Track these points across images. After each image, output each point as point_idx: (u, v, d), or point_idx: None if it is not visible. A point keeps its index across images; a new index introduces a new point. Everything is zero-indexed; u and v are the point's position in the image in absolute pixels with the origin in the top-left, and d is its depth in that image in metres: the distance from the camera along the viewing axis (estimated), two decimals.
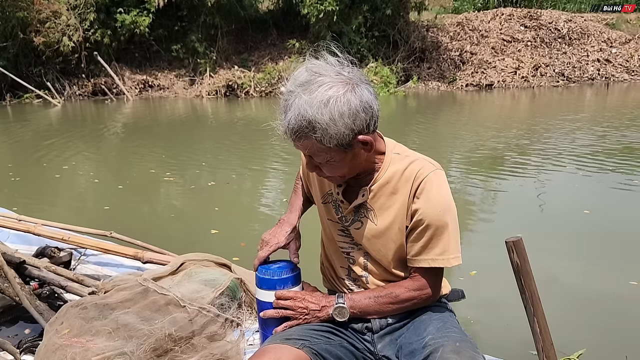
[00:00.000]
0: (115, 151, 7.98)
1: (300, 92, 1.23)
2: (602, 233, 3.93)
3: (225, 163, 6.83)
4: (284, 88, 1.28)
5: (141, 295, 1.46)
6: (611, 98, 12.83)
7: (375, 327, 1.43)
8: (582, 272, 3.31)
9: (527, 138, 7.67)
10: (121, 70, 15.06)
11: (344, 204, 1.44)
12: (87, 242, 2.44)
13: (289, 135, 1.27)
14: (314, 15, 13.85)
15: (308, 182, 1.59)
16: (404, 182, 1.36)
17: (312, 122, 1.22)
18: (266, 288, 1.46)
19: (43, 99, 13.81)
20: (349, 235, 1.47)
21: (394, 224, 1.38)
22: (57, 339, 1.36)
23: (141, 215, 4.75)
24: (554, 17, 16.76)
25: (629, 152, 6.65)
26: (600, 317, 2.77)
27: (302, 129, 1.24)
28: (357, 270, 1.47)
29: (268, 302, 1.46)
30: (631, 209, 4.46)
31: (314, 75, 1.24)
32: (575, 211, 4.40)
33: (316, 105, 1.21)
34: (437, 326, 1.36)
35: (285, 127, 1.26)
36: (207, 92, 14.51)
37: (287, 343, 1.30)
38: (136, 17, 14.05)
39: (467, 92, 14.31)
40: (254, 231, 4.22)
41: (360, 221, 1.42)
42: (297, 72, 1.28)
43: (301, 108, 1.22)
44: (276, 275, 1.45)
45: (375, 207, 1.40)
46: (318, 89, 1.22)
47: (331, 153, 1.28)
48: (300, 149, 1.32)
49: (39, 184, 5.75)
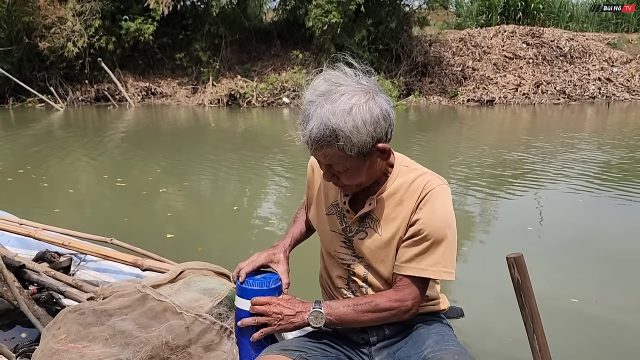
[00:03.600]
0: (116, 156, 7.99)
1: (322, 101, 1.24)
2: (601, 251, 3.93)
3: (224, 174, 6.83)
4: (303, 99, 1.28)
5: (139, 302, 1.45)
6: (612, 117, 12.88)
7: (373, 339, 1.43)
8: (581, 290, 3.30)
9: (526, 155, 7.69)
10: (124, 77, 15.13)
11: (349, 213, 1.44)
12: (87, 247, 2.43)
13: (310, 145, 1.27)
14: (318, 28, 13.95)
15: (311, 195, 1.59)
16: (411, 194, 1.37)
17: (336, 131, 1.23)
18: (249, 298, 1.46)
19: (45, 103, 13.85)
20: (350, 247, 1.46)
21: (397, 234, 1.38)
22: (53, 343, 1.36)
23: (139, 220, 4.74)
24: (556, 35, 16.89)
25: (629, 171, 6.67)
26: (597, 335, 2.76)
27: (324, 138, 1.24)
28: (357, 281, 1.47)
29: (248, 312, 1.46)
30: (631, 228, 4.46)
31: (334, 85, 1.26)
32: (574, 229, 4.40)
33: (339, 113, 1.22)
34: (435, 339, 1.35)
35: (307, 137, 1.26)
36: (209, 101, 14.56)
37: (284, 354, 1.31)
38: (141, 24, 14.15)
39: (469, 108, 14.36)
40: (249, 242, 4.22)
41: (365, 231, 1.42)
42: (315, 83, 1.29)
43: (324, 117, 1.23)
44: (259, 286, 1.45)
45: (380, 218, 1.40)
46: (340, 97, 1.23)
47: (351, 161, 1.29)
48: (319, 158, 1.32)
49: (39, 188, 5.75)
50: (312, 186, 1.58)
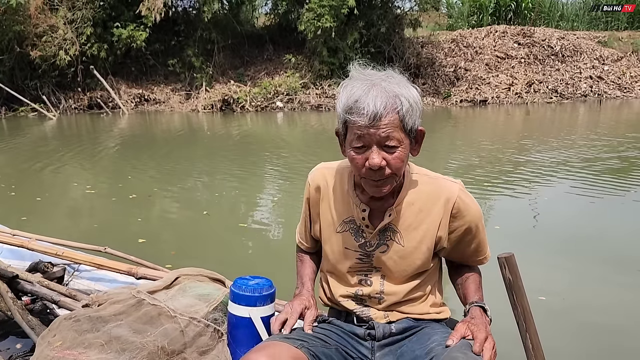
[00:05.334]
0: (109, 165, 7.98)
1: (379, 81, 1.28)
2: (594, 249, 3.94)
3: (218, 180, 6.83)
4: (351, 90, 1.29)
5: (134, 308, 1.45)
6: (604, 115, 12.96)
7: (378, 334, 1.43)
8: (573, 288, 3.31)
9: (519, 154, 7.73)
10: (117, 84, 15.10)
11: (368, 228, 1.43)
12: (81, 257, 2.42)
13: (371, 114, 1.24)
14: (310, 32, 13.99)
15: (315, 214, 1.54)
16: (432, 203, 1.41)
17: (399, 96, 1.26)
18: (244, 304, 1.47)
19: (38, 112, 13.80)
20: (368, 262, 1.45)
21: (422, 244, 1.41)
22: (49, 351, 1.36)
23: (132, 227, 4.74)
24: (547, 34, 17.00)
25: (622, 168, 6.71)
26: (590, 335, 2.77)
27: (390, 101, 1.26)
28: (371, 292, 1.46)
29: (245, 318, 1.47)
30: (622, 225, 4.48)
31: (381, 73, 1.33)
32: (568, 228, 4.42)
33: (402, 84, 1.29)
34: (442, 336, 1.36)
35: (372, 103, 1.24)
36: (202, 107, 14.56)
37: (286, 342, 1.31)
38: (133, 31, 14.13)
39: (462, 108, 14.42)
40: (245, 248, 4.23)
41: (386, 244, 1.42)
42: (363, 73, 1.33)
43: (387, 87, 1.27)
44: (256, 292, 1.46)
45: (401, 229, 1.41)
46: (395, 77, 1.31)
47: (403, 137, 1.30)
48: (380, 130, 1.27)
49: (32, 198, 5.73)
50: (315, 206, 1.53)
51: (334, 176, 1.50)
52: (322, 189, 1.51)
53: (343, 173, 1.49)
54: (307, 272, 1.61)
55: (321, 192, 1.51)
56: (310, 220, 1.57)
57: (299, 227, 1.64)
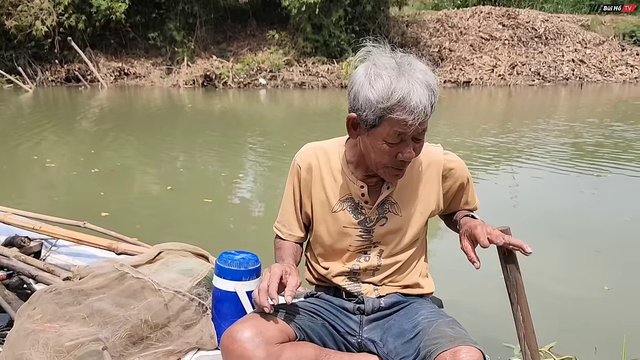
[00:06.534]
0: (87, 138, 7.82)
1: (407, 69, 1.24)
2: (574, 233, 4.00)
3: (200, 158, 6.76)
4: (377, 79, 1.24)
5: (117, 281, 1.43)
6: (585, 98, 13.11)
7: (367, 308, 1.44)
8: (553, 272, 3.36)
9: (502, 136, 7.78)
10: (96, 57, 14.74)
11: (367, 204, 1.44)
12: (59, 232, 2.37)
13: (426, 108, 1.22)
14: (294, 7, 13.77)
15: (306, 197, 1.50)
16: (424, 169, 1.46)
17: (432, 88, 1.24)
18: (230, 278, 1.47)
19: (14, 84, 13.42)
20: (368, 237, 1.45)
21: (417, 210, 1.46)
22: (29, 324, 1.33)
23: (112, 203, 4.67)
24: (532, 16, 17.02)
25: (601, 151, 6.81)
26: (570, 314, 2.82)
27: (430, 96, 1.23)
28: (368, 266, 1.47)
29: (230, 292, 1.48)
30: (603, 210, 4.57)
31: (397, 54, 1.29)
32: (549, 211, 4.48)
33: (426, 71, 1.26)
34: (430, 310, 1.41)
35: (422, 104, 1.21)
36: (184, 82, 14.31)
37: (272, 314, 1.31)
38: (112, 2, 13.74)
39: (445, 89, 14.43)
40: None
41: (386, 217, 1.44)
42: (382, 61, 1.27)
43: (421, 79, 1.23)
44: (242, 267, 1.47)
45: (398, 199, 1.45)
46: (414, 61, 1.27)
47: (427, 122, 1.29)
48: (422, 125, 1.26)
49: (7, 172, 5.60)
50: (306, 187, 1.49)
51: (323, 156, 1.48)
52: (313, 169, 1.48)
53: (332, 152, 1.48)
54: (289, 252, 1.50)
55: (312, 172, 1.48)
56: (301, 205, 1.52)
57: (281, 218, 1.55)
